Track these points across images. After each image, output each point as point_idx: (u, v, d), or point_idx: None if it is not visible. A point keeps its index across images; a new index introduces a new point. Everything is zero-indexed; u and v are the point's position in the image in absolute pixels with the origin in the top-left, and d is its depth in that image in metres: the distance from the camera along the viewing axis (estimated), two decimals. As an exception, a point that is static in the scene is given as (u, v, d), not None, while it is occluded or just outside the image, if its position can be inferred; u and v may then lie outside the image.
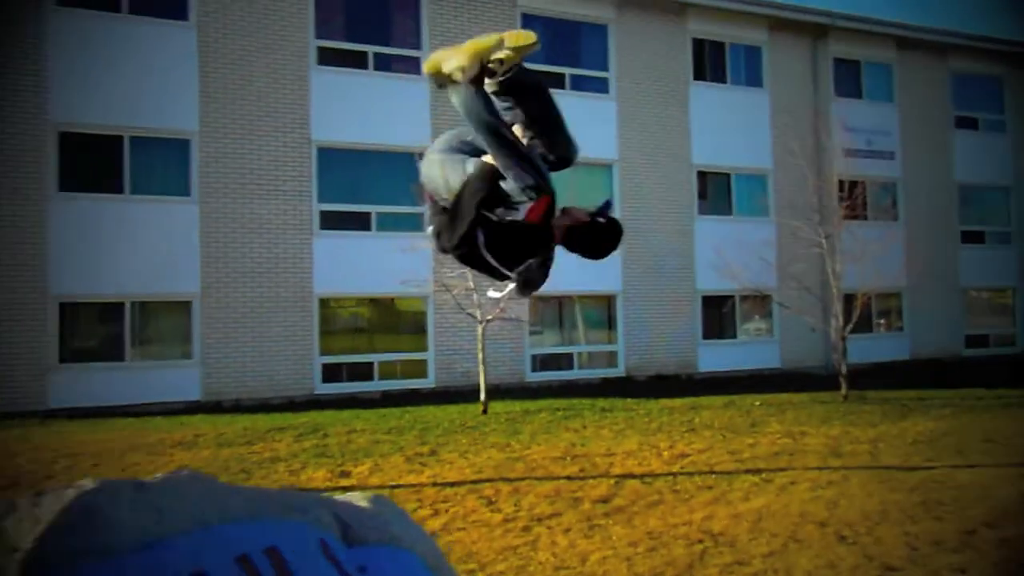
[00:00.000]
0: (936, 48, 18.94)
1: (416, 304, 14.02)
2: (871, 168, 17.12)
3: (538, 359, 14.75)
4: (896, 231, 16.67)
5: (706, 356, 16.03)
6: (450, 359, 13.90)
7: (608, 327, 15.57)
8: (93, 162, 12.19)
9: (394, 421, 10.44)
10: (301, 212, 13.16)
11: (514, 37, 2.34)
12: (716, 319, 16.38)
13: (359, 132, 13.43)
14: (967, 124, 19.57)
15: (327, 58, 13.51)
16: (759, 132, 16.70)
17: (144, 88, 12.26)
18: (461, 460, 7.76)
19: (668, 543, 5.00)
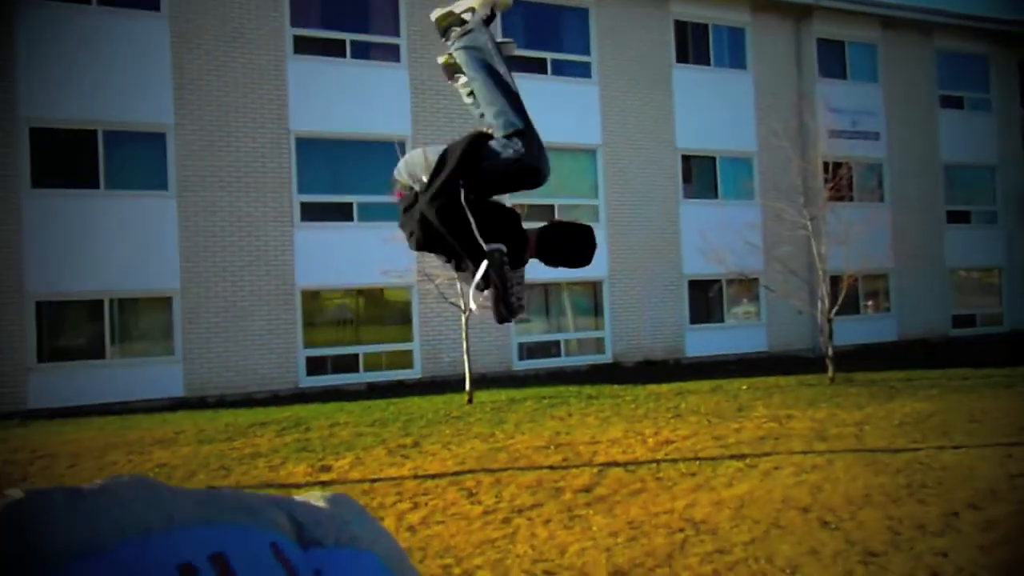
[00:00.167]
0: (921, 27, 18.83)
1: (401, 294, 13.89)
2: (856, 149, 17.07)
3: (525, 347, 14.66)
4: (882, 212, 16.60)
5: (693, 341, 15.97)
6: (436, 349, 13.79)
7: (595, 313, 15.48)
8: (66, 157, 11.95)
9: (378, 413, 10.34)
10: (281, 204, 12.98)
11: (503, 2, 2.57)
12: (703, 303, 16.32)
13: (338, 121, 13.24)
14: (952, 103, 19.50)
15: (304, 47, 13.29)
16: (743, 114, 16.58)
17: (117, 81, 12.03)
18: (444, 451, 7.66)
19: (649, 532, 4.92)
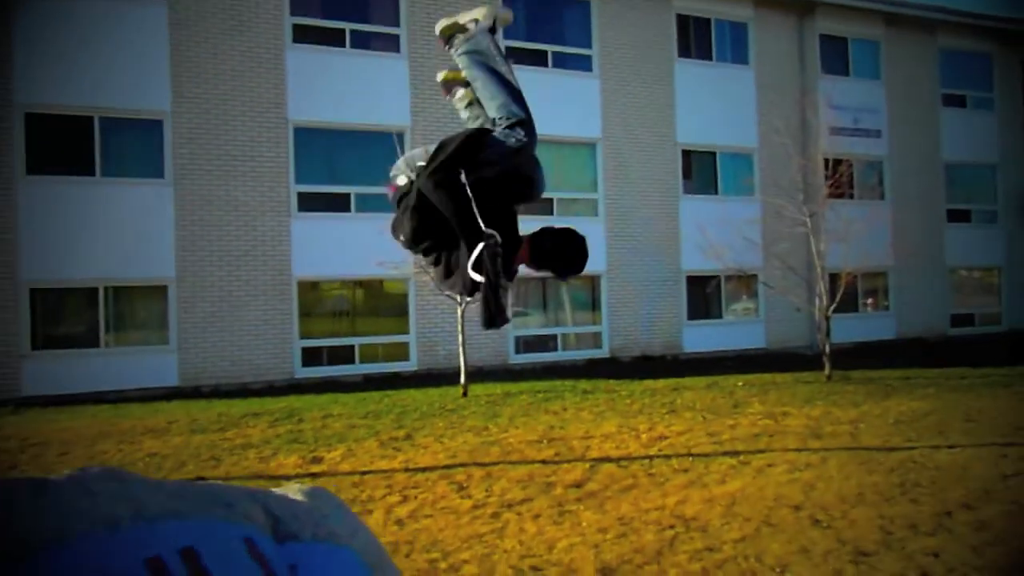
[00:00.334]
0: (925, 25, 18.72)
1: (398, 286, 13.83)
2: (857, 146, 16.99)
3: (521, 341, 14.61)
4: (882, 210, 16.53)
5: (691, 336, 15.93)
6: (432, 341, 13.75)
7: (592, 308, 15.43)
8: (62, 144, 11.89)
9: (372, 405, 10.30)
10: (278, 193, 12.92)
11: (504, 17, 2.74)
12: (701, 299, 16.27)
13: (337, 111, 13.16)
14: (955, 102, 19.40)
15: (303, 36, 13.20)
16: (744, 110, 16.49)
17: (114, 67, 11.95)
18: (436, 444, 7.62)
19: (638, 529, 4.88)
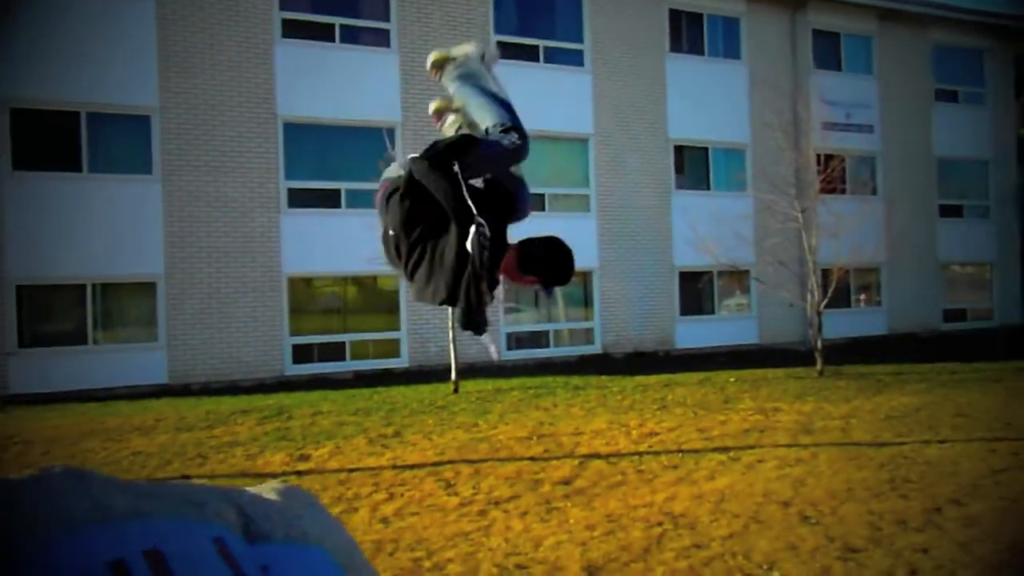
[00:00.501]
0: (917, 20, 18.68)
1: (389, 283, 13.76)
2: (849, 141, 16.96)
3: (513, 337, 14.56)
4: (874, 205, 16.52)
5: (684, 332, 15.90)
6: (423, 338, 13.68)
7: (585, 304, 15.38)
8: (48, 139, 11.78)
9: (362, 402, 10.23)
10: (268, 190, 12.83)
11: (493, 55, 2.87)
12: (694, 295, 16.23)
13: (326, 107, 13.07)
14: (947, 97, 19.39)
15: (292, 30, 13.10)
16: (737, 105, 16.44)
17: (101, 62, 11.82)
18: (424, 441, 7.57)
19: (626, 526, 4.83)
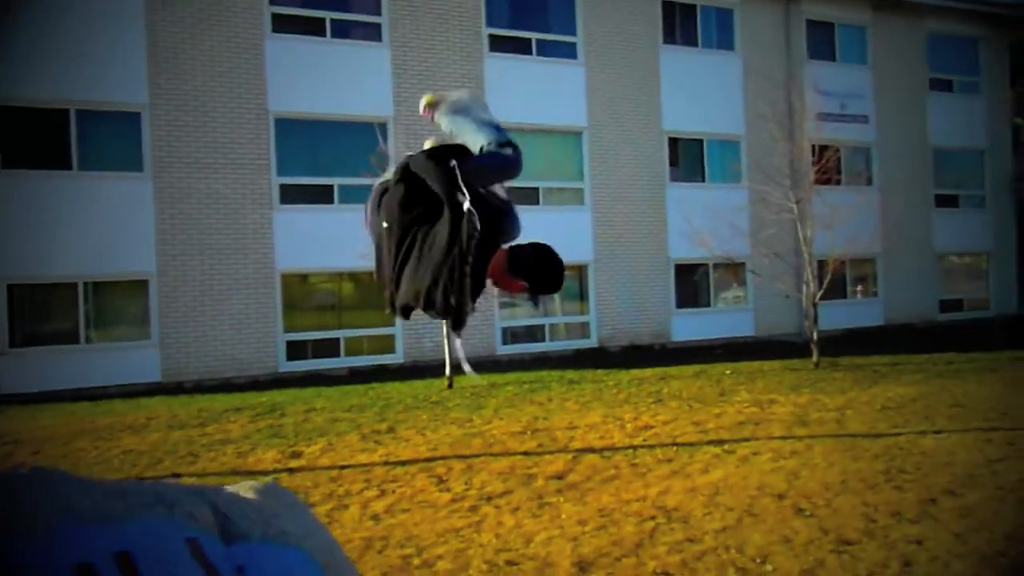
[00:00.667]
0: (911, 9, 18.59)
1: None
2: (844, 132, 16.90)
3: (508, 332, 14.50)
4: (870, 196, 16.47)
5: (680, 325, 15.84)
6: (418, 333, 13.61)
7: (580, 298, 15.32)
8: (37, 137, 11.67)
9: (356, 398, 10.18)
10: (260, 186, 12.73)
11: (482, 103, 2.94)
12: (690, 287, 16.18)
13: (318, 102, 12.97)
14: (942, 86, 19.31)
15: (283, 25, 12.98)
16: (731, 97, 16.35)
17: (89, 59, 11.71)
18: (418, 437, 7.51)
19: (619, 521, 4.79)
